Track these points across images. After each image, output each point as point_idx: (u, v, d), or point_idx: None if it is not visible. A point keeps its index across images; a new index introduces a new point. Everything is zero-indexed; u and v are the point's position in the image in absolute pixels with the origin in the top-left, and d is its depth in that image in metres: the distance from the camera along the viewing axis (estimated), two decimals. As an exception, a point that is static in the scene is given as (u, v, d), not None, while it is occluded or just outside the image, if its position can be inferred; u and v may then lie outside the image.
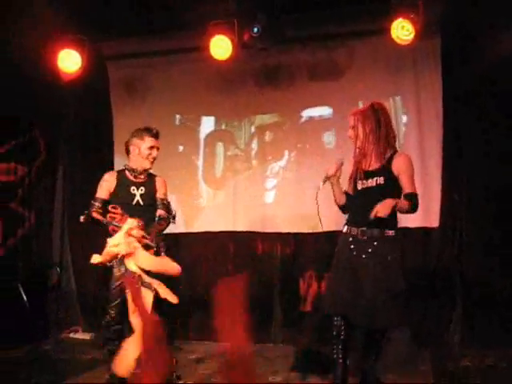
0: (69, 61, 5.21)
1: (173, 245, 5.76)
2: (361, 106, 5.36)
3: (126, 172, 4.20)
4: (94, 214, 4.11)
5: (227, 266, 5.69)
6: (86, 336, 5.86)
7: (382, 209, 3.44)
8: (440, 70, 5.13)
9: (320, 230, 5.06)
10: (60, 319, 5.99)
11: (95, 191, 4.29)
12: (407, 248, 5.30)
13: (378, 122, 3.66)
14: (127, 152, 4.24)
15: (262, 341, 5.36)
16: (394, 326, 3.97)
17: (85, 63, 5.23)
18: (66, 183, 6.25)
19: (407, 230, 5.24)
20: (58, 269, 6.13)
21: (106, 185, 4.18)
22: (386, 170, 3.64)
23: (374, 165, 3.69)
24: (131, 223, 3.75)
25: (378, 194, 3.58)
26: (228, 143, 5.83)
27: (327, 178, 3.75)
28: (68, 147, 6.27)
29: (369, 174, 3.68)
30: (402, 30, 4.58)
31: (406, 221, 5.23)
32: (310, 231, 5.36)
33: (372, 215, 3.47)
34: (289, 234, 5.55)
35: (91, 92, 5.95)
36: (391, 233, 3.61)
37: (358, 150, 3.76)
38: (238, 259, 5.68)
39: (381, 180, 3.64)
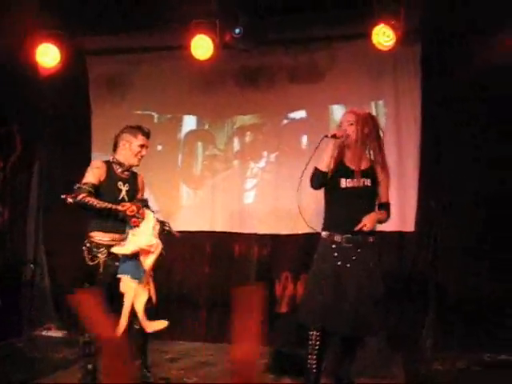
0: (47, 55, 5.15)
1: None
2: (341, 109, 5.47)
3: (113, 165, 4.09)
4: (89, 198, 3.90)
5: (204, 266, 5.69)
6: (59, 334, 5.80)
7: (369, 223, 3.49)
8: (420, 75, 5.18)
9: (298, 231, 5.13)
10: (33, 316, 5.94)
11: (70, 187, 4.19)
12: (383, 252, 5.34)
13: (374, 128, 3.71)
14: (115, 146, 4.15)
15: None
16: (375, 333, 3.93)
17: (64, 58, 5.18)
18: (42, 179, 6.17)
19: (383, 234, 5.31)
20: (32, 265, 6.07)
21: (98, 171, 4.02)
22: (373, 173, 3.65)
23: (362, 165, 3.66)
24: (153, 219, 3.75)
25: (364, 196, 3.59)
26: (207, 143, 5.82)
27: (335, 136, 3.61)
28: (45, 143, 6.19)
29: (355, 174, 3.63)
30: (383, 36, 4.62)
31: (382, 225, 5.31)
32: (288, 233, 5.38)
33: (358, 228, 3.48)
34: (266, 235, 5.57)
35: (70, 87, 5.87)
36: (372, 239, 3.63)
37: (346, 147, 3.69)
38: (215, 259, 5.68)
39: (368, 182, 3.62)
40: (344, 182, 3.61)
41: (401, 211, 5.23)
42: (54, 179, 6.12)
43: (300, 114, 5.57)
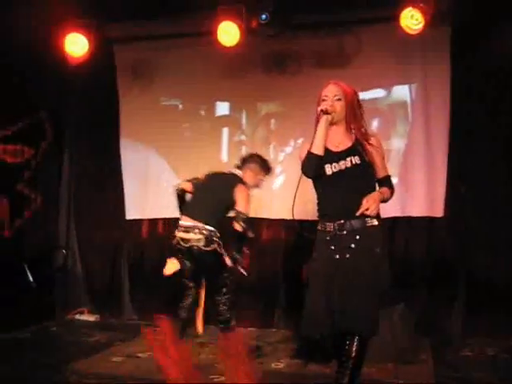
0: (76, 45, 5.23)
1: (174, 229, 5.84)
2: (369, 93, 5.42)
3: None
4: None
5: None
6: (92, 318, 5.93)
7: (372, 204, 2.98)
8: (449, 59, 5.10)
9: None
10: (66, 300, 6.08)
11: (100, 174, 4.26)
12: (411, 237, 5.37)
13: (359, 105, 3.18)
14: (243, 163, 4.21)
15: (265, 326, 5.44)
16: (375, 332, 3.12)
17: (92, 47, 5.23)
18: (72, 166, 6.28)
19: (411, 219, 5.31)
20: (64, 250, 6.20)
21: None
22: (360, 148, 3.11)
23: (344, 144, 3.14)
24: None
25: (355, 176, 3.07)
26: (234, 129, 5.84)
27: (326, 112, 3.05)
28: (75, 130, 6.29)
29: (340, 155, 3.10)
30: (412, 20, 4.56)
31: (410, 209, 5.29)
32: (315, 218, 5.37)
33: (360, 212, 2.99)
34: (294, 220, 5.56)
35: (97, 75, 5.93)
36: (375, 222, 3.07)
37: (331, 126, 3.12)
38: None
39: (356, 159, 3.07)
40: (329, 169, 3.10)
41: (429, 196, 5.21)
42: (84, 165, 6.23)
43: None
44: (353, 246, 3.03)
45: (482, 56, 4.88)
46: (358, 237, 3.02)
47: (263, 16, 4.65)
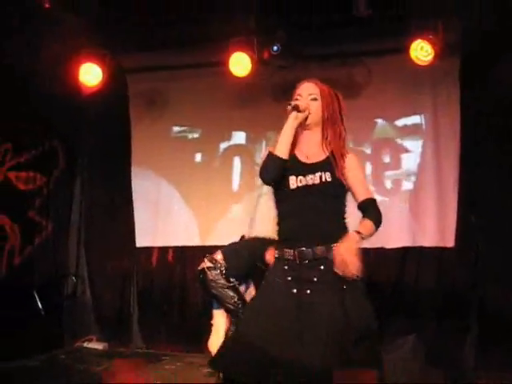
0: (90, 74, 5.31)
1: (183, 257, 5.85)
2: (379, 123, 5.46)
3: None
4: None
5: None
6: (100, 346, 5.89)
7: (350, 262, 2.34)
8: (458, 89, 5.14)
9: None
10: (75, 328, 6.06)
11: (111, 202, 4.30)
12: (421, 267, 5.34)
13: (339, 108, 2.76)
14: None
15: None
16: None
17: (105, 77, 5.32)
18: (83, 194, 6.32)
19: (421, 249, 5.28)
20: (74, 278, 6.20)
21: None
22: (334, 164, 2.61)
23: (316, 155, 2.66)
24: None
25: (323, 195, 2.56)
26: (246, 158, 5.87)
27: (297, 109, 2.65)
28: (86, 158, 6.35)
29: (309, 168, 2.62)
30: (421, 51, 4.61)
31: (421, 239, 5.27)
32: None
33: (341, 272, 2.37)
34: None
35: (110, 104, 6.01)
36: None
37: (299, 130, 2.71)
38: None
39: (327, 176, 2.57)
40: (294, 181, 2.60)
41: (440, 226, 5.20)
42: (95, 193, 6.27)
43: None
44: (315, 278, 2.45)
45: (491, 85, 4.91)
46: (322, 267, 2.45)
47: (275, 47, 4.72)
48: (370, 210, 2.63)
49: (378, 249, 5.31)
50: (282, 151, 2.59)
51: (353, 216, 2.68)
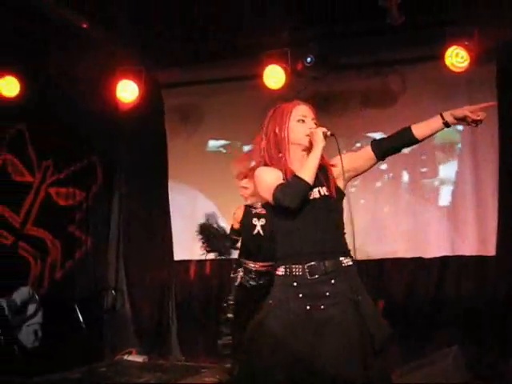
0: (126, 91, 5.39)
1: (221, 270, 5.87)
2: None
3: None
4: None
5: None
6: (140, 358, 5.93)
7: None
8: (495, 96, 5.06)
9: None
10: (114, 341, 6.13)
11: (149, 215, 4.41)
12: (462, 276, 5.25)
13: None
14: None
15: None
16: None
17: (141, 92, 5.40)
18: (121, 208, 6.42)
19: (461, 258, 5.20)
20: (113, 291, 6.28)
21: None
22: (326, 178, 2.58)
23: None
24: None
25: (328, 208, 2.49)
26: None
27: (327, 135, 2.60)
28: (124, 173, 6.45)
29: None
30: (457, 58, 4.56)
31: (461, 248, 5.19)
32: (362, 258, 5.34)
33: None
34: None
35: (146, 120, 6.10)
36: (350, 261, 2.46)
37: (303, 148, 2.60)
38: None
39: (324, 190, 2.53)
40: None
41: (480, 235, 5.12)
42: (133, 207, 6.36)
43: (373, 138, 5.53)
44: (327, 293, 2.37)
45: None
46: (333, 281, 2.38)
47: (308, 59, 4.73)
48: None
49: (416, 258, 5.27)
50: (311, 178, 2.46)
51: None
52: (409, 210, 5.39)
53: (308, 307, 2.37)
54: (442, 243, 5.23)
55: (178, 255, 6.09)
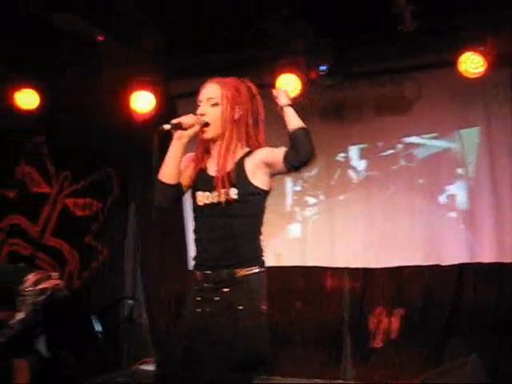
0: (141, 102, 5.42)
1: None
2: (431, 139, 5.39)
3: None
4: None
5: (296, 301, 5.68)
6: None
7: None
8: (510, 100, 5.03)
9: (392, 264, 5.06)
10: (131, 351, 6.14)
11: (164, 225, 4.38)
12: (480, 284, 5.19)
13: (253, 105, 2.60)
14: None
15: (332, 377, 5.32)
16: None
17: (157, 103, 5.43)
18: (137, 218, 6.43)
19: (479, 265, 5.14)
20: (130, 301, 6.30)
21: None
22: (240, 177, 2.43)
23: (227, 167, 2.46)
24: None
25: (227, 216, 2.40)
26: (296, 178, 5.87)
27: (179, 127, 2.46)
28: (139, 183, 6.48)
29: (216, 182, 2.44)
30: (471, 63, 4.53)
31: (479, 255, 5.14)
32: (380, 266, 5.32)
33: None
34: (358, 268, 5.50)
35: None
36: (248, 271, 2.42)
37: (208, 142, 2.52)
38: (307, 294, 5.66)
39: (233, 194, 2.41)
40: (201, 198, 2.47)
41: (499, 241, 5.06)
42: (149, 217, 6.37)
43: (389, 146, 5.52)
44: (216, 298, 2.40)
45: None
46: (225, 289, 2.39)
47: (322, 67, 4.73)
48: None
49: (433, 266, 5.22)
50: (167, 176, 2.44)
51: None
52: (424, 216, 5.35)
53: (199, 309, 2.42)
54: (459, 250, 5.19)
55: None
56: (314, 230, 5.71)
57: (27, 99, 5.43)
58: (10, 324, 3.84)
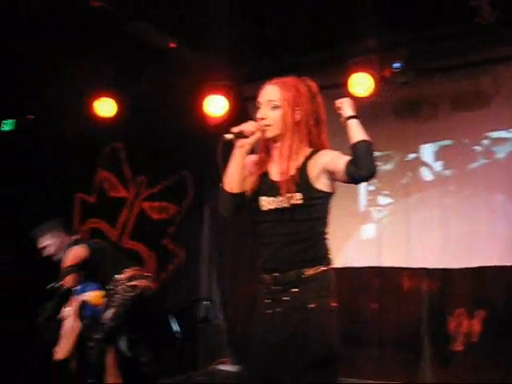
0: (215, 106, 5.51)
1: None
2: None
3: None
4: None
5: (372, 303, 5.61)
6: (234, 368, 6.00)
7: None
8: None
9: (471, 264, 4.91)
10: (208, 351, 6.23)
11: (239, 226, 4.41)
12: (500, 288, 5.02)
13: (313, 107, 2.53)
14: None
15: (409, 380, 5.20)
16: None
17: (230, 107, 5.50)
18: (212, 221, 6.51)
19: (495, 269, 4.99)
20: (207, 302, 6.40)
21: None
22: (304, 182, 2.42)
23: (290, 172, 2.44)
24: None
25: (293, 220, 2.41)
26: (370, 177, 5.80)
27: (242, 135, 2.41)
28: (214, 187, 6.55)
29: (281, 187, 2.42)
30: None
31: (493, 259, 4.97)
32: (459, 266, 5.17)
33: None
34: (436, 269, 5.37)
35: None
36: (315, 270, 2.43)
37: (270, 147, 2.51)
38: (383, 295, 5.57)
39: (297, 198, 2.40)
40: (265, 203, 2.46)
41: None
42: (224, 219, 6.45)
43: (467, 143, 5.35)
44: (285, 298, 2.41)
45: None
46: (293, 290, 2.40)
47: (396, 64, 4.66)
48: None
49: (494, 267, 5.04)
50: (230, 185, 2.45)
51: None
52: (505, 215, 5.16)
53: (269, 310, 2.44)
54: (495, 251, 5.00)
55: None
56: (389, 230, 5.62)
57: (106, 107, 5.64)
58: (102, 321, 4.01)
